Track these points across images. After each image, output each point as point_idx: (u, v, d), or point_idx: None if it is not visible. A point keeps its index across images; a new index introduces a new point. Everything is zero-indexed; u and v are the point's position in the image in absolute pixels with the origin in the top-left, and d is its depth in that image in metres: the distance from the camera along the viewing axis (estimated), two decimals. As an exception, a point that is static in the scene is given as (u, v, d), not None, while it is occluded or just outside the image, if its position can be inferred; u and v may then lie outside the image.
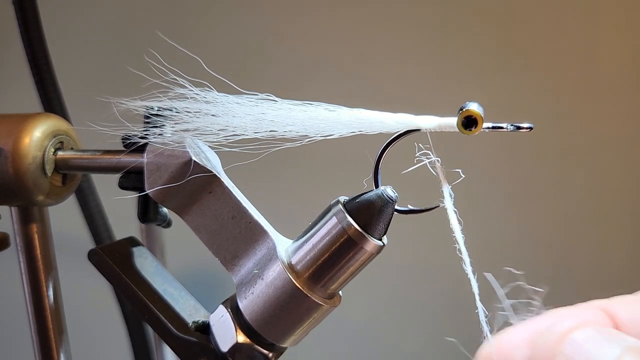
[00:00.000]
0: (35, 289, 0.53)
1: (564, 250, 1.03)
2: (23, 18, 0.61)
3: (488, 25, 0.99)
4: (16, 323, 0.82)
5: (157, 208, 0.50)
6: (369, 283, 0.41)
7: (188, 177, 0.44)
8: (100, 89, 0.47)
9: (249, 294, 0.42)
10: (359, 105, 0.41)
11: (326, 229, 0.40)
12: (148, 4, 1.06)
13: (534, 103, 0.99)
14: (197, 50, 0.48)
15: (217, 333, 0.44)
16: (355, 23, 1.01)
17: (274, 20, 1.03)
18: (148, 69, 0.43)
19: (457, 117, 0.37)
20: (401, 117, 0.40)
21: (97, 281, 0.51)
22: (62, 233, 0.60)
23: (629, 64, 0.97)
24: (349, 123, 0.40)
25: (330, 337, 1.08)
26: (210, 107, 0.42)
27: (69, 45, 1.04)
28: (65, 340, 0.55)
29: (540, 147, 1.00)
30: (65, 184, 0.52)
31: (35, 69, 0.64)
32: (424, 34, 1.00)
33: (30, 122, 0.50)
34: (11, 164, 0.48)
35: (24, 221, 0.53)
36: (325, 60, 1.02)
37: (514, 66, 0.99)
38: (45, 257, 0.53)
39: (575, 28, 0.97)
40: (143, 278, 0.48)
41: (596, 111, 0.99)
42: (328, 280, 0.41)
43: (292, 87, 0.81)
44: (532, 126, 0.37)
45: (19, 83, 0.75)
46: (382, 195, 0.39)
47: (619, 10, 0.95)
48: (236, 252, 0.44)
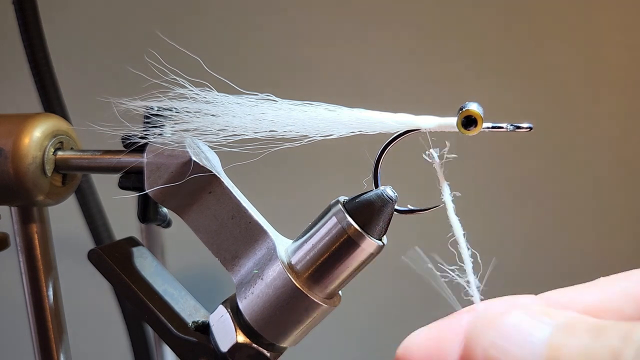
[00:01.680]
0: (35, 289, 0.53)
1: (564, 250, 1.03)
2: (23, 18, 0.61)
3: (488, 25, 0.99)
4: (16, 323, 0.83)
5: (157, 208, 0.50)
6: (369, 283, 0.41)
7: (188, 177, 0.44)
8: (100, 89, 0.47)
9: (248, 294, 0.42)
10: (359, 105, 0.41)
11: (326, 229, 0.40)
12: (148, 4, 1.06)
13: (533, 103, 0.99)
14: (197, 50, 0.48)
15: (217, 333, 0.44)
16: (356, 23, 1.01)
17: (274, 20, 1.03)
18: (148, 69, 0.43)
19: (457, 117, 0.37)
20: (401, 117, 0.40)
21: (97, 281, 0.51)
22: (62, 233, 0.60)
23: (629, 64, 0.97)
24: (349, 123, 0.40)
25: (330, 337, 1.08)
26: (210, 107, 0.42)
27: (69, 45, 1.04)
28: (65, 340, 0.55)
29: (540, 147, 1.00)
30: (65, 184, 0.52)
31: (35, 69, 0.63)
32: (424, 34, 1.00)
33: (30, 122, 0.50)
34: (11, 164, 0.48)
35: (24, 221, 0.53)
36: (325, 60, 1.02)
37: (513, 66, 0.99)
38: (45, 257, 0.53)
39: (575, 28, 0.97)
40: (143, 278, 0.48)
41: (596, 111, 0.99)
42: (328, 280, 0.41)
43: (292, 87, 0.81)
44: (531, 126, 0.37)
45: (19, 83, 0.75)
46: (382, 195, 0.39)
47: (619, 10, 0.95)
48: (236, 252, 0.44)
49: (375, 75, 1.01)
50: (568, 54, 0.97)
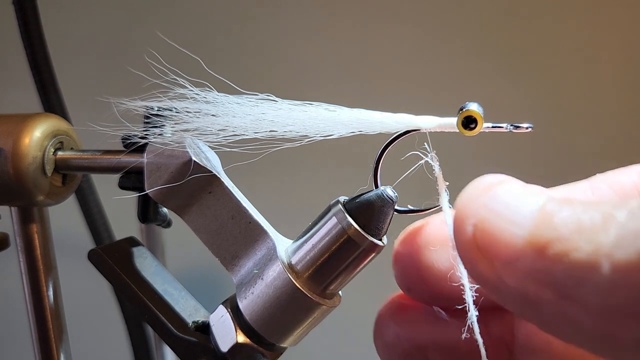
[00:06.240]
0: (35, 289, 0.53)
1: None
2: (23, 18, 0.61)
3: (488, 25, 0.99)
4: (16, 323, 0.83)
5: (157, 208, 0.50)
6: (369, 283, 0.42)
7: (188, 177, 0.44)
8: (100, 89, 0.47)
9: (248, 294, 0.42)
10: (359, 105, 0.41)
11: (326, 229, 0.40)
12: (148, 4, 1.06)
13: (533, 103, 0.99)
14: (197, 50, 0.48)
15: (217, 333, 0.44)
16: (356, 23, 1.01)
17: (274, 20, 1.03)
18: (148, 69, 0.43)
19: (457, 117, 0.38)
20: (401, 117, 0.40)
21: (97, 281, 0.51)
22: (62, 233, 0.60)
23: (629, 64, 0.97)
24: (349, 123, 0.40)
25: (330, 337, 1.08)
26: (210, 107, 0.42)
27: (69, 45, 1.04)
28: (65, 340, 0.55)
29: (540, 147, 1.00)
30: (65, 184, 0.52)
31: (35, 69, 0.63)
32: (424, 34, 1.00)
33: (30, 122, 0.50)
34: (11, 164, 0.48)
35: (24, 221, 0.53)
36: (325, 60, 1.02)
37: (514, 66, 0.99)
38: (45, 257, 0.53)
39: (575, 28, 0.97)
40: (143, 278, 0.48)
41: (596, 111, 0.99)
42: (328, 280, 0.41)
43: (292, 87, 0.81)
44: (531, 126, 0.37)
45: (19, 83, 0.75)
46: (382, 195, 0.39)
47: (619, 10, 0.95)
48: (236, 252, 0.44)
49: (375, 75, 1.01)
50: (568, 54, 0.97)
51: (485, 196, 0.29)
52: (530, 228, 0.26)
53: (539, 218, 0.26)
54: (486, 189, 0.29)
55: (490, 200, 0.28)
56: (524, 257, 0.26)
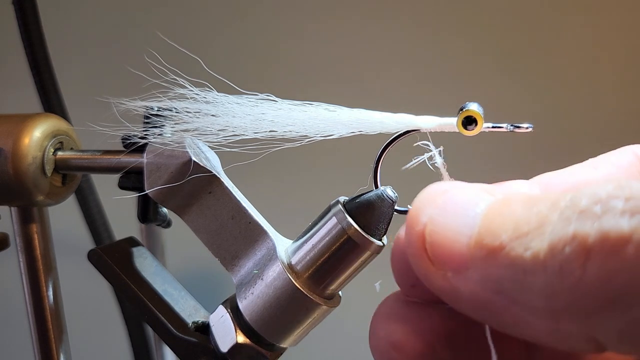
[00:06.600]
0: (35, 289, 0.53)
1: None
2: (23, 18, 0.61)
3: (488, 25, 0.98)
4: (16, 323, 0.83)
5: (157, 208, 0.50)
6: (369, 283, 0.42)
7: (188, 177, 0.44)
8: (100, 89, 0.47)
9: (248, 294, 0.42)
10: (359, 105, 0.41)
11: (326, 229, 0.40)
12: (148, 4, 1.06)
13: (533, 103, 0.99)
14: (197, 50, 0.48)
15: (217, 333, 0.44)
16: (355, 23, 1.01)
17: (274, 20, 1.03)
18: (148, 69, 0.43)
19: (457, 117, 0.38)
20: (401, 117, 0.40)
21: (97, 281, 0.51)
22: (62, 233, 0.60)
23: (629, 64, 0.97)
24: (349, 123, 0.40)
25: (330, 337, 1.08)
26: (210, 107, 0.42)
27: (69, 45, 1.04)
28: (65, 340, 0.55)
29: (540, 147, 0.99)
30: (65, 184, 0.52)
31: (35, 69, 0.64)
32: (424, 34, 1.00)
33: (30, 122, 0.50)
34: (11, 164, 0.48)
35: (24, 221, 0.53)
36: (325, 61, 1.02)
37: (513, 66, 0.99)
38: (45, 257, 0.53)
39: (575, 28, 0.97)
40: (143, 278, 0.48)
41: (596, 111, 0.99)
42: (328, 280, 0.41)
43: (292, 87, 0.81)
44: (531, 126, 0.37)
45: (19, 83, 0.75)
46: (382, 196, 0.39)
47: (619, 10, 0.95)
48: (236, 252, 0.44)
49: (375, 74, 1.01)
50: (568, 54, 0.97)
51: (432, 207, 0.30)
52: (475, 237, 0.27)
53: (481, 226, 0.27)
54: (433, 198, 0.30)
55: (437, 211, 0.29)
56: (474, 265, 0.27)
